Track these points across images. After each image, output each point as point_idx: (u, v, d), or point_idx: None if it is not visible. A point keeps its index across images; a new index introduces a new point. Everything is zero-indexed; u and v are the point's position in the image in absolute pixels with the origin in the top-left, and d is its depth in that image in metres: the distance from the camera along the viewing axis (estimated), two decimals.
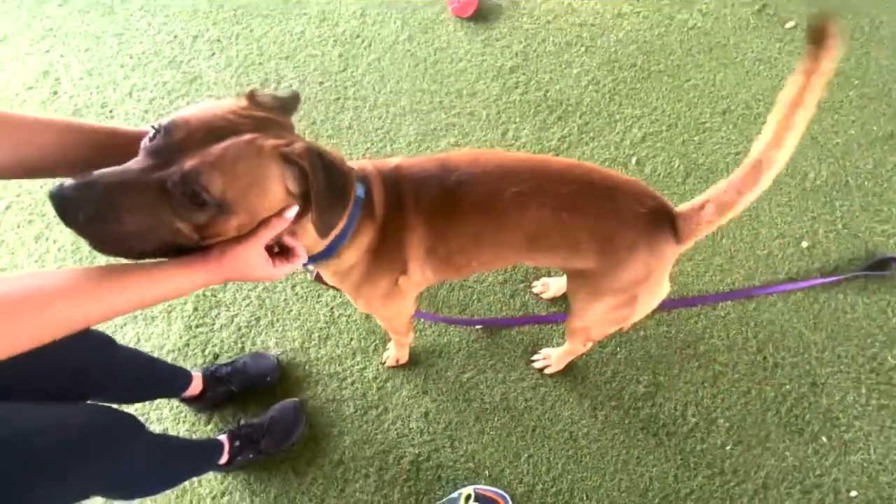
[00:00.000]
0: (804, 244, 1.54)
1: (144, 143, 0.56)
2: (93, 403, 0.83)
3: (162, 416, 1.32)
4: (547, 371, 1.36)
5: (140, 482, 0.90)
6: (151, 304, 0.56)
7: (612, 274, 0.86)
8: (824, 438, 1.28)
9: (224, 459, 1.17)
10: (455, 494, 1.20)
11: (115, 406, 0.86)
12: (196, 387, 1.22)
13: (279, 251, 0.70)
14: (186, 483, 1.24)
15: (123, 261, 0.56)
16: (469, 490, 1.19)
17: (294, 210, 0.63)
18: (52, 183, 0.52)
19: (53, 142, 0.59)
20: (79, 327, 0.51)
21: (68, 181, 0.50)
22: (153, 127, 0.56)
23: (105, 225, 0.52)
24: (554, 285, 1.44)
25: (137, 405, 1.31)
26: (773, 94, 1.78)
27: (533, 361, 1.38)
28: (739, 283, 1.49)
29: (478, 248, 0.88)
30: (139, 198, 0.52)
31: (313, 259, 0.80)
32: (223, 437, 1.18)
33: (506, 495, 1.22)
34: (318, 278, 0.96)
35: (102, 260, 0.58)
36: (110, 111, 1.79)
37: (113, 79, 1.85)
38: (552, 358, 1.34)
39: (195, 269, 0.57)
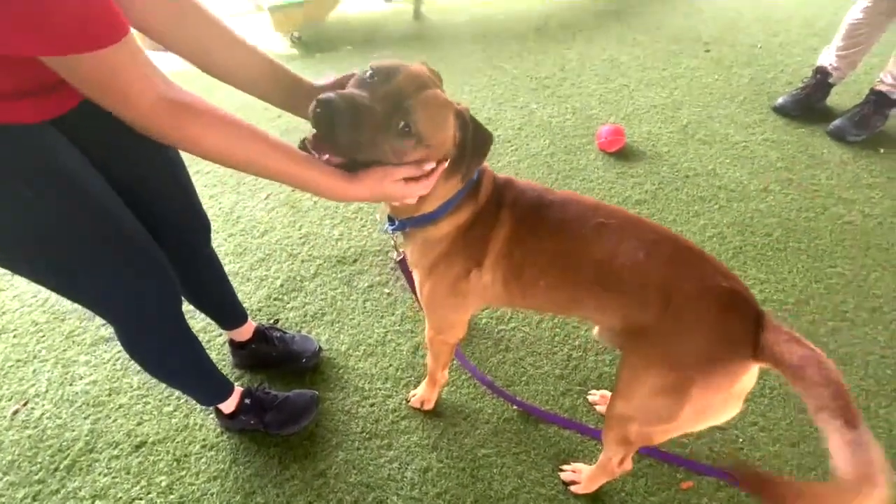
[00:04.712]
0: None
1: (358, 76, 0.73)
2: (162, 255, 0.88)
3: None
4: (573, 488, 1.15)
5: (149, 349, 0.97)
6: (302, 185, 0.68)
7: (670, 337, 0.78)
8: None
9: (230, 409, 1.20)
10: None
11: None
12: (245, 333, 1.32)
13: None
14: (189, 421, 1.28)
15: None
16: None
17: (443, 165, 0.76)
18: None
19: (260, 69, 0.78)
20: (248, 169, 0.66)
21: (333, 94, 0.64)
22: (371, 67, 0.73)
23: (349, 132, 0.66)
24: None
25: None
26: None
27: (561, 470, 1.19)
28: None
29: (549, 266, 0.89)
30: (372, 120, 0.67)
31: (416, 222, 0.89)
32: (239, 388, 1.22)
33: None
34: (402, 262, 1.04)
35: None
36: None
37: None
38: (583, 475, 1.15)
39: (345, 181, 0.70)
